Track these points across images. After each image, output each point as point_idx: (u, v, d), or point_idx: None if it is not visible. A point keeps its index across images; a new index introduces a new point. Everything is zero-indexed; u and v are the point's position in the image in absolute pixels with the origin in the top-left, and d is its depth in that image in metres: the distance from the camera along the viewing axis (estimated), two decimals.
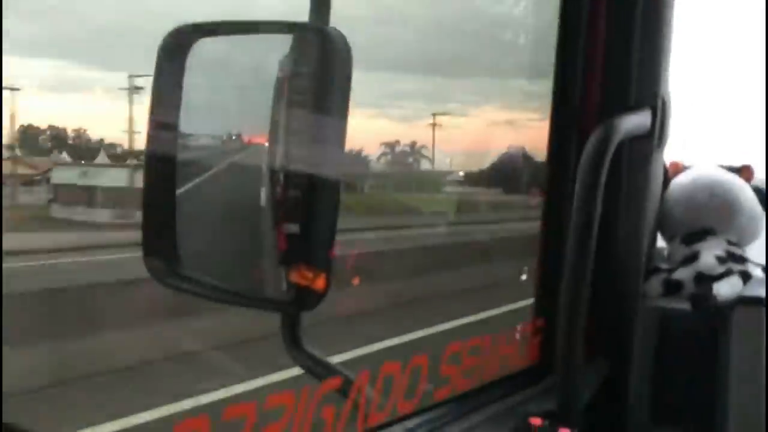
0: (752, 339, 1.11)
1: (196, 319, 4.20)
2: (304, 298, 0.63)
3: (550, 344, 1.14)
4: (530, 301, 1.26)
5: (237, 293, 0.69)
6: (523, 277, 1.27)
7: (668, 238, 1.36)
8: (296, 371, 0.82)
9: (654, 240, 1.35)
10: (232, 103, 0.70)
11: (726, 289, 1.18)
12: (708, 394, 1.14)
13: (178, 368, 4.30)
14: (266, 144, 0.67)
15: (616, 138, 1.01)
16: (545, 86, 1.20)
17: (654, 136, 1.16)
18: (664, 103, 1.18)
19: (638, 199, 1.21)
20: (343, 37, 0.65)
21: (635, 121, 1.09)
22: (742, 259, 1.26)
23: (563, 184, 1.08)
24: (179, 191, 0.67)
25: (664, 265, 1.31)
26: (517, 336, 1.26)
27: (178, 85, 0.68)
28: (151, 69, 0.67)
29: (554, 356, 1.09)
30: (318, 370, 0.81)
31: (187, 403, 3.78)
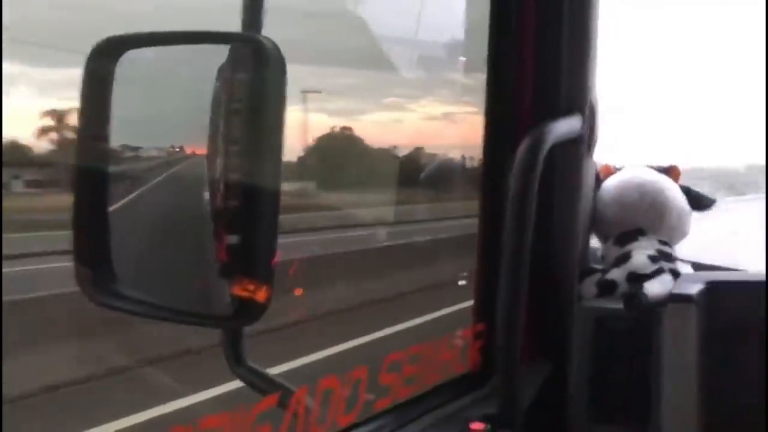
0: (683, 335, 1.19)
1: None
2: (247, 312, 0.65)
3: (491, 348, 1.19)
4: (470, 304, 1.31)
5: (175, 309, 0.69)
6: (462, 282, 1.32)
7: (602, 239, 1.44)
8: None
9: (587, 242, 1.43)
10: (171, 114, 0.71)
11: (657, 287, 1.26)
12: (643, 391, 1.21)
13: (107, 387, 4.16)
14: (205, 154, 0.68)
15: (547, 143, 1.07)
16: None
17: (584, 140, 1.23)
18: (592, 108, 1.26)
19: (571, 202, 1.27)
20: (276, 47, 0.66)
21: (565, 126, 1.16)
22: (672, 258, 1.35)
23: (498, 188, 1.13)
24: (114, 206, 0.68)
25: (598, 266, 1.40)
26: (458, 341, 1.31)
27: (107, 96, 0.69)
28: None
29: (495, 360, 1.15)
30: (261, 384, 0.82)
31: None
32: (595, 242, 1.46)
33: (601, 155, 1.45)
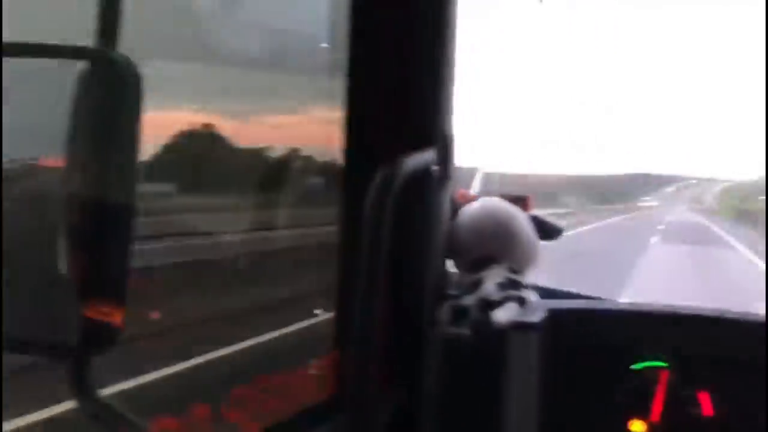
0: (526, 361, 1.25)
1: None
2: (99, 337, 0.63)
3: (347, 372, 1.20)
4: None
5: (17, 339, 0.65)
6: (317, 311, 1.33)
7: (457, 266, 1.50)
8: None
9: (444, 268, 1.49)
10: (26, 125, 0.68)
11: (503, 314, 1.32)
12: (491, 417, 1.26)
13: None
14: (56, 172, 0.65)
15: (402, 176, 1.12)
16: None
17: (438, 172, 1.29)
18: (448, 140, 1.32)
19: (428, 231, 1.32)
20: (131, 64, 0.65)
21: (420, 159, 1.21)
22: (520, 286, 1.42)
23: (356, 217, 1.16)
24: None
25: (454, 293, 1.45)
26: (313, 370, 1.31)
27: None
28: None
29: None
30: (109, 420, 0.78)
31: None
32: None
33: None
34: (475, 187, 1.80)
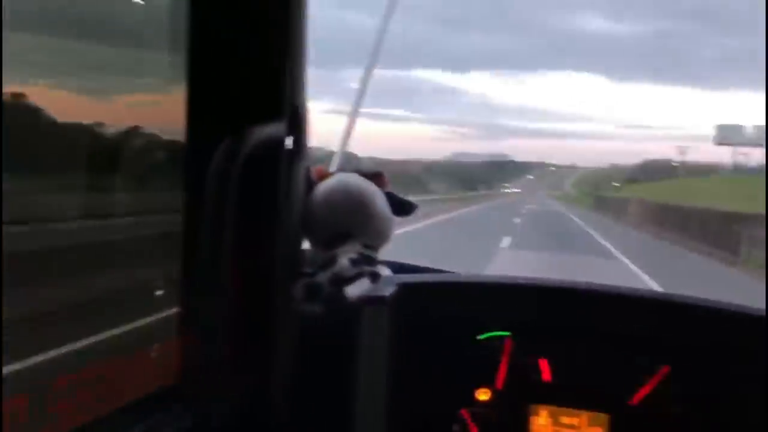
0: (377, 336, 1.25)
1: None
2: None
3: (193, 360, 1.15)
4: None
5: None
6: (158, 292, 1.26)
7: (312, 243, 1.48)
8: None
9: (299, 245, 1.46)
10: None
11: (355, 290, 1.32)
12: (343, 392, 1.26)
13: None
14: None
15: (249, 148, 1.08)
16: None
17: (289, 145, 1.26)
18: (301, 113, 1.29)
19: (281, 207, 1.29)
20: None
21: (267, 131, 1.17)
22: (374, 261, 1.43)
23: (200, 192, 1.10)
24: None
25: (309, 270, 1.43)
26: (155, 354, 1.25)
27: None
28: None
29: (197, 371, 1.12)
30: None
31: None
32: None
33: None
34: (333, 166, 1.78)
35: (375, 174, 1.54)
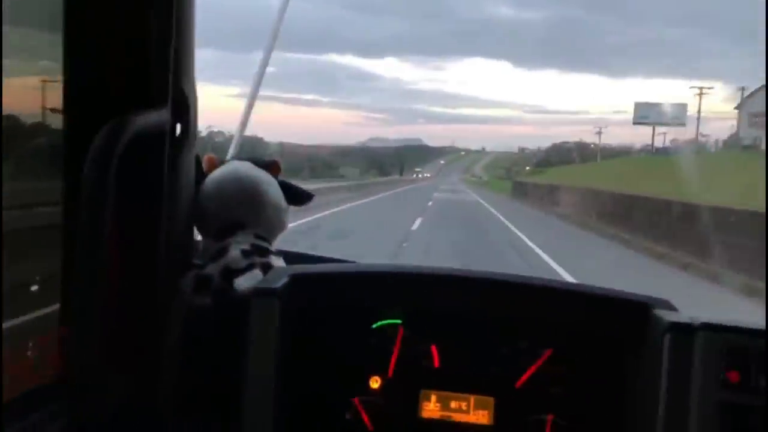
0: (267, 329, 1.24)
1: None
2: None
3: (73, 357, 1.12)
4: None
5: None
6: (34, 287, 1.22)
7: (204, 234, 1.46)
8: None
9: (190, 236, 1.44)
10: None
11: (246, 282, 1.31)
12: (232, 386, 1.24)
13: None
14: None
15: (128, 135, 1.05)
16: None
17: (174, 133, 1.24)
18: (187, 100, 1.26)
19: (169, 197, 1.27)
20: None
21: (150, 118, 1.14)
22: (266, 252, 1.42)
23: (78, 183, 1.07)
24: None
25: (199, 261, 1.41)
26: (33, 352, 1.21)
27: None
28: None
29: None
30: None
31: None
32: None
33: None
34: (229, 153, 1.76)
35: (268, 163, 1.53)
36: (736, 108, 60.19)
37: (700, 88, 66.18)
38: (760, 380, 1.11)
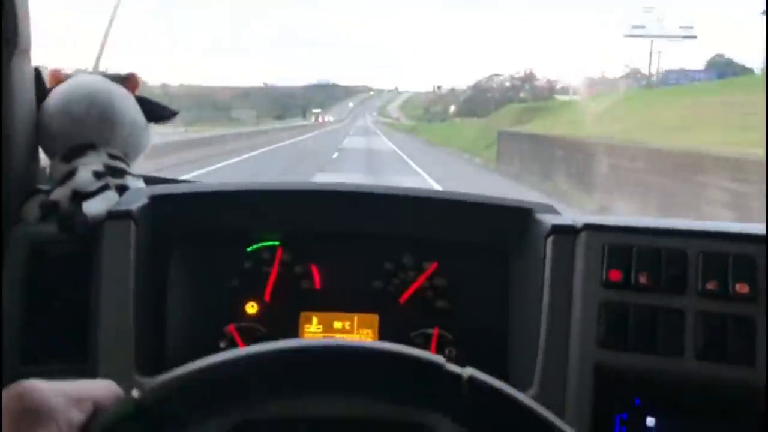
0: (123, 255, 1.14)
1: None
2: None
3: None
4: None
5: None
6: None
7: (50, 156, 1.34)
8: None
9: (33, 159, 1.31)
10: None
11: (97, 205, 1.20)
12: (83, 323, 1.13)
13: None
14: None
15: None
16: None
17: (7, 39, 1.11)
18: (9, 2, 1.12)
19: (4, 115, 1.15)
20: None
21: None
22: (122, 173, 1.30)
23: None
24: None
25: (44, 187, 1.29)
26: None
27: None
28: None
29: None
30: None
31: None
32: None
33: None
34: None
35: (124, 76, 1.41)
36: None
37: None
38: (641, 278, 1.11)
